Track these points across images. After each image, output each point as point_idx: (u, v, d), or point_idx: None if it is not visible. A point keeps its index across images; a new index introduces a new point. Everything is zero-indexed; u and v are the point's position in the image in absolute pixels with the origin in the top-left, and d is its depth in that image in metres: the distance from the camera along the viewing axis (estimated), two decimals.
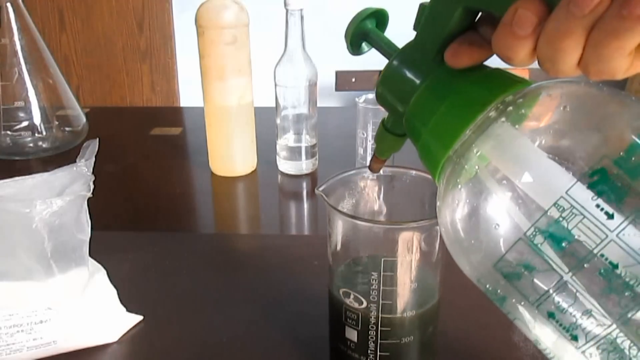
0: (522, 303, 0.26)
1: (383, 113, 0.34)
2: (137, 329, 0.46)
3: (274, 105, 0.75)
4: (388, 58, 0.32)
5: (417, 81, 0.30)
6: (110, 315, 0.45)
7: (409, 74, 0.30)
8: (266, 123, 0.81)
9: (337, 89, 1.63)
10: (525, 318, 0.28)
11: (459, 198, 0.27)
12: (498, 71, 0.28)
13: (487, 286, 0.28)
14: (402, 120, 0.33)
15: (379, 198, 0.39)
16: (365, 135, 0.72)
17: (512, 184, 0.25)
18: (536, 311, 0.26)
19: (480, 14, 0.28)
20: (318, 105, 0.76)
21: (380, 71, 0.32)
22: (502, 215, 0.25)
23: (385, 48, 0.32)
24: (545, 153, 0.24)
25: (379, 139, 0.35)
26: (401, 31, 0.39)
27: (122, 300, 0.46)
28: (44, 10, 1.69)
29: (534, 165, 0.24)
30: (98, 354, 0.44)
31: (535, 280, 0.25)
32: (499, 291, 0.27)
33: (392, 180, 0.39)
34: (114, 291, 0.46)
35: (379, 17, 0.33)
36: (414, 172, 0.38)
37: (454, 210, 0.27)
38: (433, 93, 0.29)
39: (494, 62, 0.28)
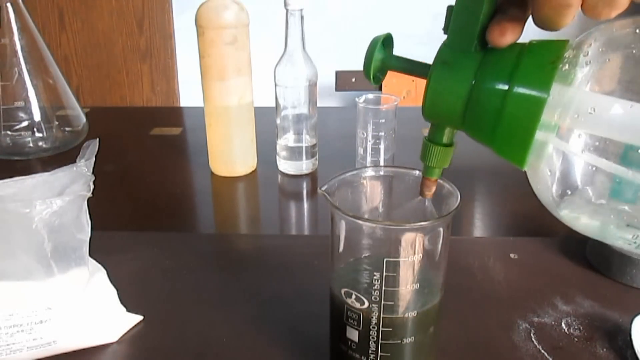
0: None
1: (383, 113, 0.34)
2: (137, 329, 0.46)
3: (274, 105, 0.75)
4: (417, 74, 0.32)
5: (470, 77, 0.29)
6: (110, 315, 0.45)
7: (458, 75, 0.30)
8: (266, 123, 0.81)
9: (337, 89, 1.63)
10: None
11: (585, 159, 0.27)
12: (535, 41, 0.28)
13: None
14: (451, 128, 0.33)
15: (381, 198, 0.39)
16: (365, 135, 0.72)
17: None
18: None
19: None
20: (318, 105, 0.76)
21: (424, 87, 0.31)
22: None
23: (410, 67, 0.33)
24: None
25: (426, 156, 0.34)
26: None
27: (122, 300, 0.46)
28: (44, 10, 1.69)
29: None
30: (98, 354, 0.44)
31: None
32: None
33: (394, 180, 0.39)
34: (114, 291, 0.46)
35: (386, 42, 0.33)
36: (416, 172, 0.37)
37: (584, 172, 0.27)
38: (494, 79, 0.28)
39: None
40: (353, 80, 1.60)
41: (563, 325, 0.46)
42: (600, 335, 0.45)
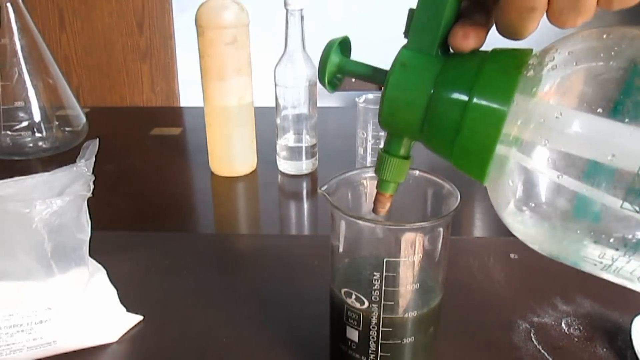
0: None
1: None
2: (137, 329, 0.46)
3: (274, 105, 0.75)
4: (373, 80, 0.30)
5: (429, 84, 0.27)
6: (110, 315, 0.45)
7: (416, 81, 0.28)
8: (266, 123, 0.81)
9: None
10: None
11: (547, 175, 0.25)
12: (499, 48, 0.27)
13: (611, 240, 0.25)
14: (409, 138, 0.31)
15: None
16: (365, 135, 0.72)
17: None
18: None
19: (462, 3, 0.28)
20: (318, 105, 0.76)
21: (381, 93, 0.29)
22: (606, 156, 0.24)
23: (368, 72, 0.31)
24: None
25: (381, 169, 0.32)
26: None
27: (122, 300, 0.46)
28: (44, 10, 1.69)
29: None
30: (98, 354, 0.44)
31: None
32: (630, 237, 0.24)
33: None
34: (114, 291, 0.46)
35: (343, 46, 0.32)
36: (416, 172, 0.37)
37: (545, 188, 0.25)
38: (454, 87, 0.27)
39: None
40: (353, 80, 1.60)
41: (563, 325, 0.46)
42: (600, 335, 0.45)
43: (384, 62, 0.32)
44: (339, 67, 0.31)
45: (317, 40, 1.16)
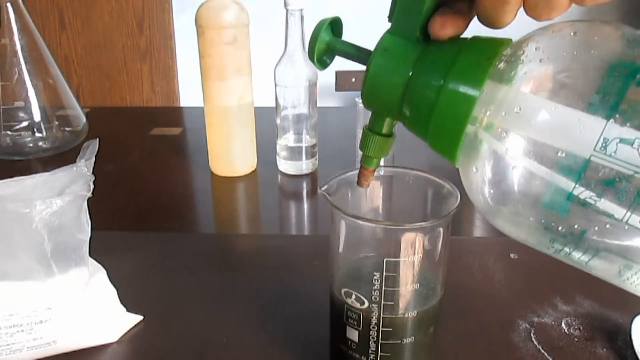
0: (608, 225, 0.25)
1: None
2: (137, 329, 0.46)
3: (274, 105, 0.75)
4: (360, 61, 0.31)
5: (408, 67, 0.29)
6: (110, 315, 0.45)
7: (397, 64, 0.29)
8: (266, 123, 0.81)
9: (337, 89, 1.63)
10: (616, 240, 0.26)
11: (506, 155, 0.27)
12: (479, 37, 0.28)
13: (560, 228, 0.27)
14: (389, 118, 0.32)
15: (381, 198, 0.39)
16: None
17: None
18: (627, 226, 0.25)
19: None
20: (318, 105, 0.76)
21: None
22: (562, 143, 0.25)
23: (355, 53, 0.32)
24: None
25: (365, 145, 0.34)
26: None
27: (122, 300, 0.46)
28: (44, 10, 1.69)
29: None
30: (98, 354, 0.44)
31: (621, 190, 0.24)
32: (576, 226, 0.26)
33: (394, 180, 0.39)
34: (114, 291, 0.46)
35: (335, 27, 0.33)
36: (416, 172, 0.37)
37: (500, 170, 0.27)
38: (430, 72, 0.28)
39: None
40: (353, 80, 1.60)
41: (563, 325, 0.46)
42: (600, 335, 0.45)
43: None
44: (328, 45, 0.32)
45: None
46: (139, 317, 0.47)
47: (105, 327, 0.44)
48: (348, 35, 0.33)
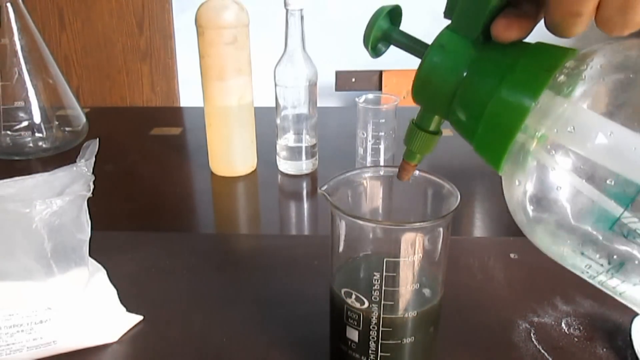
0: None
1: (383, 113, 0.33)
2: (137, 329, 0.46)
3: (274, 105, 0.75)
4: (415, 54, 0.31)
5: (463, 67, 0.28)
6: (110, 315, 0.45)
7: (452, 62, 0.28)
8: (266, 123, 0.81)
9: (337, 89, 1.63)
10: None
11: (553, 172, 0.26)
12: (543, 43, 0.27)
13: (598, 256, 0.26)
14: (438, 116, 0.31)
15: (381, 198, 0.39)
16: (365, 135, 0.72)
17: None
18: None
19: None
20: (318, 105, 0.76)
21: (417, 67, 0.30)
22: (616, 167, 0.24)
23: (411, 44, 0.31)
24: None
25: (410, 140, 0.33)
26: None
27: (122, 300, 0.46)
28: (44, 10, 1.69)
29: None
30: (98, 354, 0.44)
31: None
32: (614, 257, 0.25)
33: (394, 180, 0.39)
34: (114, 291, 0.46)
35: (394, 15, 0.32)
36: (417, 172, 0.37)
37: (545, 187, 0.26)
38: (486, 75, 0.27)
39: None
40: (353, 80, 1.60)
41: (563, 325, 0.46)
42: (600, 335, 0.45)
43: (384, 61, 0.32)
44: (384, 33, 0.32)
45: (317, 40, 1.17)
46: (139, 317, 0.47)
47: (105, 327, 0.44)
48: (348, 36, 0.33)
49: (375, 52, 0.32)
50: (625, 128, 0.23)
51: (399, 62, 0.68)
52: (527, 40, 0.28)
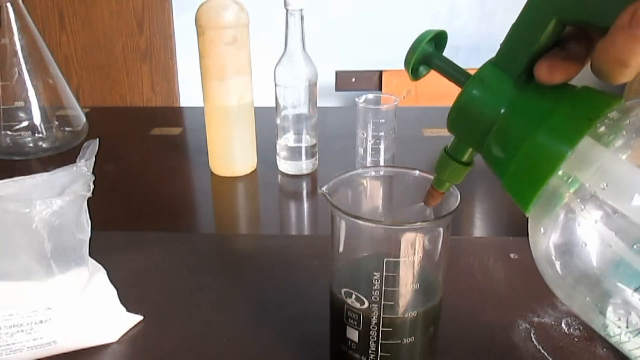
0: None
1: (383, 113, 0.33)
2: (137, 329, 0.46)
3: (274, 105, 0.75)
4: (455, 81, 0.30)
5: (502, 105, 0.28)
6: (110, 315, 0.45)
7: (491, 98, 0.28)
8: (266, 123, 0.81)
9: (337, 89, 1.63)
10: None
11: (579, 225, 0.25)
12: (589, 88, 0.26)
13: (615, 318, 0.25)
14: (472, 148, 0.31)
15: (381, 198, 0.39)
16: (365, 135, 0.72)
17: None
18: None
19: (565, 29, 0.26)
20: (318, 105, 0.76)
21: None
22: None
23: (451, 71, 0.31)
24: None
25: (440, 168, 0.33)
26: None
27: (122, 300, 0.46)
28: (44, 10, 1.69)
29: None
30: (98, 354, 0.44)
31: None
32: (634, 322, 0.24)
33: (394, 180, 0.39)
34: (114, 291, 0.46)
35: (438, 40, 0.32)
36: (417, 172, 0.37)
37: (570, 239, 0.26)
38: (524, 116, 0.27)
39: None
40: (353, 80, 1.60)
41: (563, 325, 0.46)
42: (600, 335, 0.45)
43: (384, 61, 0.32)
44: (426, 57, 0.31)
45: (317, 40, 1.17)
46: (139, 317, 0.47)
47: (105, 327, 0.44)
48: (348, 36, 0.33)
49: (415, 75, 0.32)
50: None
51: (399, 62, 0.69)
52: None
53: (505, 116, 0.27)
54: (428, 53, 0.31)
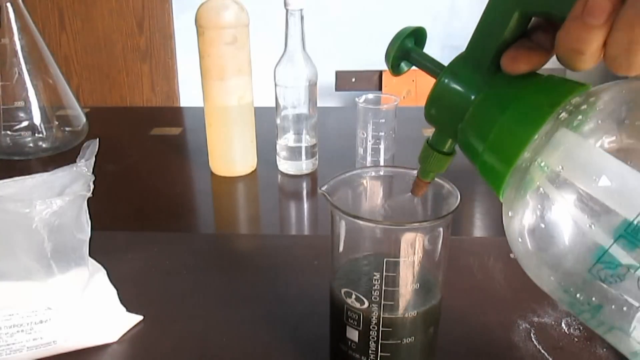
0: (624, 308, 0.24)
1: (383, 113, 0.34)
2: (137, 329, 0.46)
3: (274, 105, 0.75)
4: (433, 75, 0.31)
5: (472, 94, 0.29)
6: (110, 315, 0.45)
7: (462, 88, 0.30)
8: (266, 123, 0.81)
9: (337, 89, 1.63)
10: (626, 326, 0.25)
11: (543, 206, 0.26)
12: (554, 76, 0.27)
13: (578, 295, 0.26)
14: (450, 138, 0.32)
15: (381, 198, 0.39)
16: (365, 135, 0.72)
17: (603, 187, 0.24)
18: None
19: (532, 20, 0.28)
20: (318, 105, 0.76)
21: (430, 89, 0.31)
22: (596, 215, 0.24)
23: (430, 66, 0.32)
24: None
25: (424, 159, 0.34)
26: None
27: (122, 300, 0.46)
28: (44, 10, 1.69)
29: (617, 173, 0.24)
30: (98, 354, 0.44)
31: None
32: (593, 299, 0.25)
33: (394, 180, 0.39)
34: (114, 291, 0.46)
35: (418, 36, 0.33)
36: (416, 172, 0.37)
37: (534, 220, 0.27)
38: (492, 103, 0.28)
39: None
40: (353, 80, 1.60)
41: (563, 325, 0.46)
42: (601, 335, 0.45)
43: (384, 61, 0.33)
44: (405, 53, 0.33)
45: (317, 40, 1.17)
46: (139, 317, 0.47)
47: (105, 327, 0.44)
48: (348, 36, 0.33)
49: (396, 71, 0.33)
50: (626, 165, 0.23)
51: None
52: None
53: (475, 105, 0.29)
54: (407, 48, 0.32)
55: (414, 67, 0.34)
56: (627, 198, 0.23)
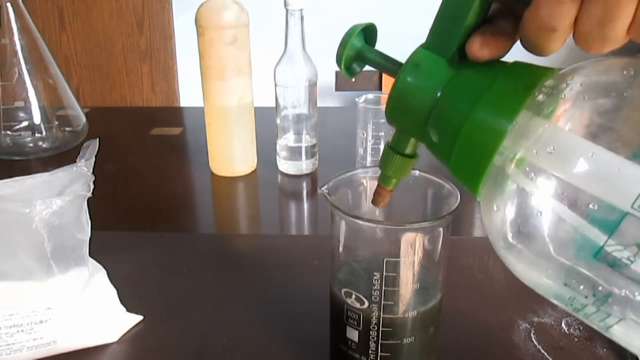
0: (637, 293, 0.23)
1: (383, 113, 0.32)
2: (137, 329, 0.46)
3: (274, 105, 0.75)
4: (389, 73, 0.29)
5: (438, 86, 0.27)
6: (110, 315, 0.45)
7: (426, 81, 0.27)
8: (266, 123, 0.81)
9: (337, 89, 1.63)
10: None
11: (536, 195, 0.24)
12: (521, 62, 0.26)
13: (581, 287, 0.24)
14: (415, 138, 0.30)
15: None
16: (365, 135, 0.72)
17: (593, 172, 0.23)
18: None
19: (492, 7, 0.27)
20: (318, 105, 0.76)
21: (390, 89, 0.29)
22: (598, 192, 0.22)
23: (385, 63, 0.30)
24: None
25: (384, 163, 0.32)
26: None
27: (122, 300, 0.46)
28: (44, 10, 1.69)
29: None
30: (98, 354, 0.44)
31: None
32: (599, 288, 0.23)
33: None
34: (114, 291, 0.46)
35: (368, 33, 0.31)
36: (416, 172, 0.37)
37: (528, 211, 0.25)
38: (461, 94, 0.26)
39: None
40: (353, 80, 1.60)
41: (563, 325, 0.46)
42: (600, 335, 0.45)
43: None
44: (357, 52, 0.30)
45: (317, 40, 1.17)
46: (139, 317, 0.47)
47: (105, 327, 0.44)
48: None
49: (350, 72, 0.31)
50: (607, 150, 0.22)
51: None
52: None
53: (442, 99, 0.27)
54: (358, 48, 0.30)
55: None
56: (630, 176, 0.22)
